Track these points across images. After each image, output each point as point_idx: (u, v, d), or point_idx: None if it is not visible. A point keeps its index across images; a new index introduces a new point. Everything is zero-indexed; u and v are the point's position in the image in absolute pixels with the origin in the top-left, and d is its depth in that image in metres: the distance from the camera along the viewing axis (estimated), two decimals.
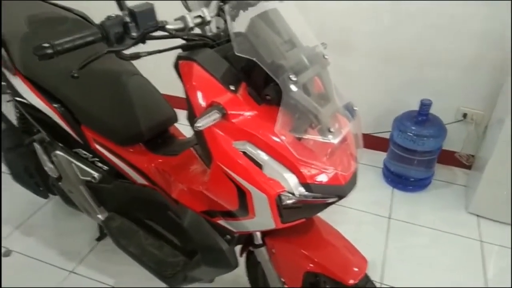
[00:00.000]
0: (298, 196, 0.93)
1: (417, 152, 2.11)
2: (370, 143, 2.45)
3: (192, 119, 0.97)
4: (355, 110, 1.00)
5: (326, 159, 0.95)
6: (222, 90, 0.93)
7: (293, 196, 0.93)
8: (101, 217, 1.56)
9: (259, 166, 0.92)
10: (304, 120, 0.93)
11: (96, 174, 1.42)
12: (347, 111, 0.99)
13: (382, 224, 2.02)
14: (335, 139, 0.92)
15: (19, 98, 1.43)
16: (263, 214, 0.96)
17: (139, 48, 0.93)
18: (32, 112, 1.44)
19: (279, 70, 0.89)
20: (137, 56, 0.91)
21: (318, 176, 0.94)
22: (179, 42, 0.99)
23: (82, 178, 1.46)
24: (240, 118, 0.92)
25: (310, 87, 0.96)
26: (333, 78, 1.00)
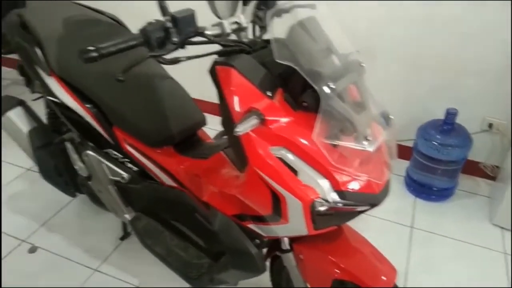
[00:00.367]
0: (332, 203, 0.93)
1: (441, 161, 2.08)
2: None
3: (228, 124, 0.99)
4: (391, 118, 1.00)
5: (360, 167, 0.95)
6: (260, 96, 0.94)
7: (327, 203, 0.93)
8: (128, 216, 1.58)
9: (294, 172, 0.93)
10: (340, 127, 0.93)
11: (125, 175, 1.45)
12: (383, 119, 1.00)
13: (404, 233, 2.01)
14: (371, 147, 0.92)
15: (52, 98, 1.46)
16: (296, 220, 0.96)
17: (177, 52, 0.95)
18: (65, 111, 1.47)
19: (318, 77, 0.89)
20: (176, 60, 0.93)
21: (352, 183, 0.94)
22: (214, 47, 1.01)
23: (111, 178, 1.49)
24: (277, 124, 0.93)
25: (346, 95, 0.96)
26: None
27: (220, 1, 1.14)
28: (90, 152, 1.48)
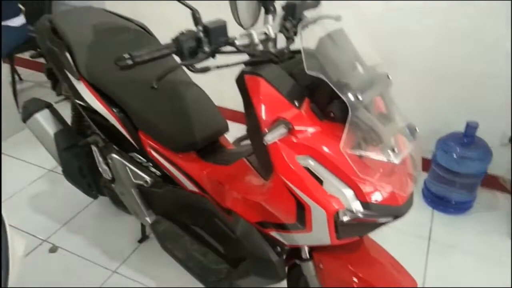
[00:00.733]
0: (356, 214, 0.94)
1: (460, 174, 2.07)
2: None
3: (254, 132, 1.01)
4: (417, 131, 1.01)
5: (385, 178, 0.96)
6: (287, 105, 0.96)
7: (351, 213, 0.94)
8: (149, 220, 1.60)
9: (320, 181, 0.94)
10: (367, 138, 0.94)
11: (148, 179, 1.47)
12: (408, 131, 1.00)
13: (421, 245, 1.99)
14: (397, 159, 0.93)
15: (80, 102, 1.50)
16: (320, 229, 0.97)
17: (206, 61, 0.97)
18: (91, 115, 1.51)
19: (346, 88, 0.91)
20: (207, 69, 0.95)
21: (376, 195, 0.95)
22: (242, 56, 1.03)
23: (134, 181, 1.51)
24: (304, 134, 0.94)
25: (372, 106, 0.98)
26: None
27: (243, 10, 1.17)
28: (114, 155, 1.51)
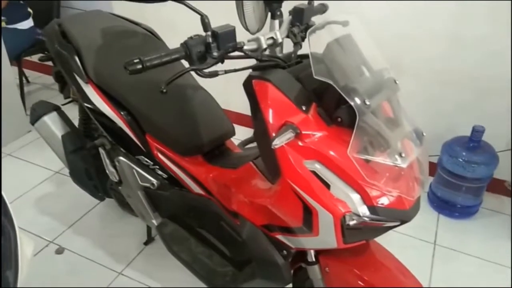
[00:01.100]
0: (363, 218, 0.95)
1: (466, 178, 2.07)
2: None
3: (261, 136, 1.01)
4: (424, 136, 1.01)
5: (392, 183, 0.96)
6: (295, 110, 0.96)
7: (358, 217, 0.95)
8: (155, 222, 1.61)
9: (327, 185, 0.95)
10: (374, 143, 0.95)
11: (155, 181, 1.48)
12: (415, 136, 1.01)
13: (427, 249, 1.99)
14: (404, 164, 0.94)
15: (89, 105, 1.51)
16: (326, 233, 0.98)
17: (215, 66, 0.98)
18: (99, 118, 1.52)
19: (354, 93, 0.91)
20: (215, 74, 0.96)
21: (383, 199, 0.95)
22: (249, 61, 1.04)
23: (141, 184, 1.52)
24: (311, 138, 0.95)
25: (379, 111, 0.98)
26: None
27: (249, 15, 1.18)
28: (122, 158, 1.52)
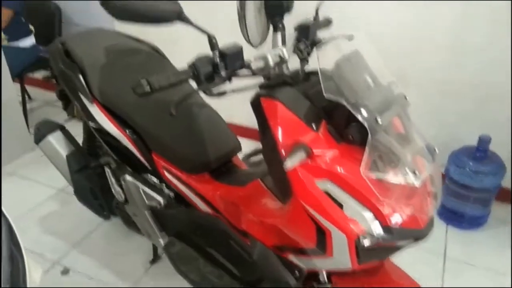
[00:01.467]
0: (377, 238, 0.92)
1: (474, 189, 2.04)
2: None
3: (271, 155, 1.00)
4: (436, 152, 0.99)
5: (406, 201, 0.95)
6: (305, 129, 0.95)
7: (372, 238, 0.92)
8: (162, 241, 1.59)
9: (340, 205, 0.93)
10: (385, 160, 0.93)
11: (161, 200, 1.46)
12: (428, 152, 0.99)
13: (437, 262, 1.96)
14: (418, 182, 0.92)
15: (94, 123, 1.50)
16: (341, 255, 0.95)
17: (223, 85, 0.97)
18: (104, 137, 1.51)
19: (365, 111, 0.90)
20: (223, 93, 0.95)
21: (398, 218, 0.93)
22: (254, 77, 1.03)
23: (148, 203, 1.50)
24: (322, 157, 0.93)
25: (390, 127, 0.97)
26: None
27: (252, 28, 1.17)
28: (128, 177, 1.50)
